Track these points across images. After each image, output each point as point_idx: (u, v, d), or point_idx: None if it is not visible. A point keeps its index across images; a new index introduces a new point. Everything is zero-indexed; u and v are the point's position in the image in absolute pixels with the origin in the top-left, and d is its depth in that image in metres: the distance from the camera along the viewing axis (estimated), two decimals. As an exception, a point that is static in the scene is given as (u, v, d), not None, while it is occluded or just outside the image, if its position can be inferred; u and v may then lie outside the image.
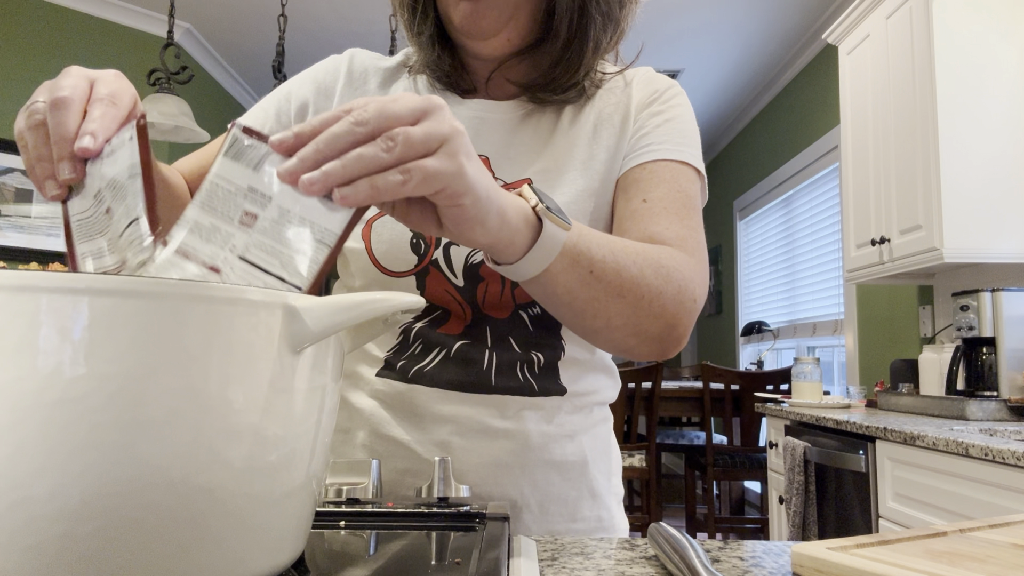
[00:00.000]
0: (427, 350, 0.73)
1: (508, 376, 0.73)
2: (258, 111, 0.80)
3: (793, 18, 3.75)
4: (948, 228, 2.18)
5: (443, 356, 0.72)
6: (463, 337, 0.73)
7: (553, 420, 0.75)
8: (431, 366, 0.72)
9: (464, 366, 0.72)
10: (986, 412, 2.02)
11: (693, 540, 0.48)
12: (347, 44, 4.14)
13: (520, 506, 0.73)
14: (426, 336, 0.73)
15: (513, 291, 0.72)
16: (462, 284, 0.72)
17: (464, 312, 0.73)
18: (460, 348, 0.72)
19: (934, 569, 0.42)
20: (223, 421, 0.36)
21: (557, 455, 0.75)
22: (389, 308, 0.43)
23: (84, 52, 3.64)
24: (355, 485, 0.62)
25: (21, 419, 0.33)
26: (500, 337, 0.73)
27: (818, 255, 3.89)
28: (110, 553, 0.34)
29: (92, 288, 0.34)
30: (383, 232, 0.73)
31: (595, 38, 0.73)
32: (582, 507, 0.77)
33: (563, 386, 0.75)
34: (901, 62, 2.43)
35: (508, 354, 0.73)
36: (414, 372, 0.73)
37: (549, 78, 0.75)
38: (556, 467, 0.75)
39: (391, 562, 0.47)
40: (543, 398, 0.74)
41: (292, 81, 0.82)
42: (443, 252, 0.72)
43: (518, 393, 0.73)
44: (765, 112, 4.69)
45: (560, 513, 0.75)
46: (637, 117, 0.77)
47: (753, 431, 3.57)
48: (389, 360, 0.74)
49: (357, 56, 0.82)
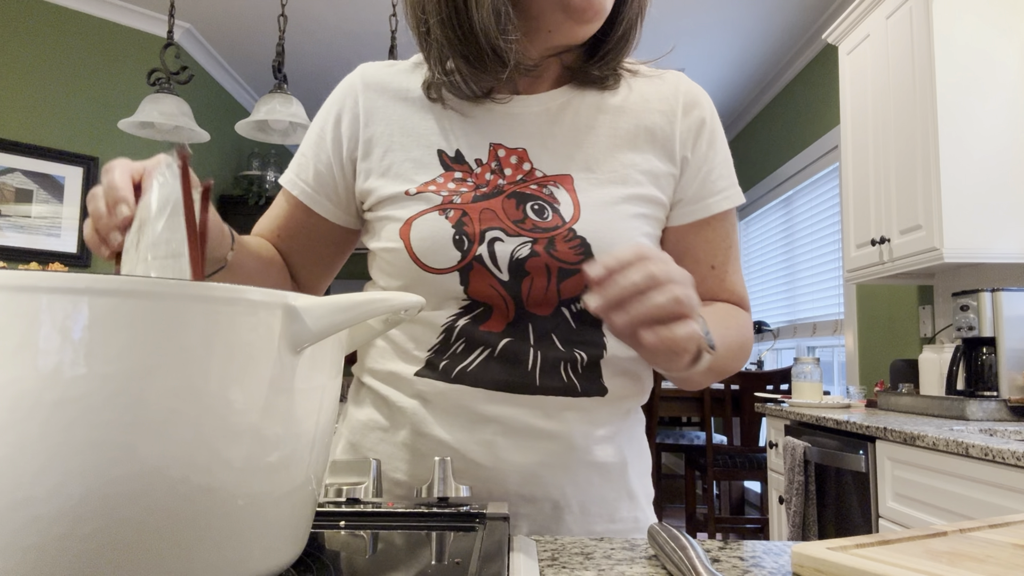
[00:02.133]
0: (469, 349, 0.72)
1: (552, 376, 0.72)
2: (300, 160, 0.83)
3: (793, 18, 3.75)
4: (948, 228, 2.18)
5: (487, 355, 0.72)
6: (506, 335, 0.72)
7: (594, 421, 0.75)
8: (474, 365, 0.72)
9: (509, 365, 0.72)
10: (986, 412, 2.02)
11: (693, 540, 0.48)
12: (347, 44, 4.14)
13: (562, 506, 0.74)
14: (469, 334, 0.72)
15: (559, 286, 0.72)
16: (507, 279, 0.72)
17: (507, 308, 0.72)
18: (504, 346, 0.72)
19: (934, 569, 0.42)
20: (223, 421, 0.36)
21: (598, 456, 0.75)
22: (389, 308, 0.43)
23: (84, 52, 3.64)
24: (355, 485, 0.62)
25: (21, 419, 0.33)
26: (543, 334, 0.72)
27: (818, 255, 3.89)
28: (110, 553, 0.34)
29: (92, 288, 0.34)
30: (423, 230, 0.72)
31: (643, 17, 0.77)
32: (620, 508, 0.77)
33: (604, 386, 0.75)
34: (901, 62, 2.43)
35: (552, 352, 0.72)
36: (457, 372, 0.72)
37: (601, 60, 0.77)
38: (597, 468, 0.75)
39: (391, 562, 0.47)
40: (585, 399, 0.74)
41: (318, 120, 0.83)
42: (487, 247, 0.72)
43: (561, 393, 0.73)
44: (765, 112, 4.69)
45: (600, 514, 0.76)
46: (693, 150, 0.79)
47: (753, 431, 3.57)
48: (430, 360, 0.74)
49: (368, 70, 0.82)
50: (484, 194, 0.73)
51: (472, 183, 0.74)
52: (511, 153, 0.76)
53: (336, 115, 0.81)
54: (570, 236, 0.72)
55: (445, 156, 0.76)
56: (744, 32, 3.92)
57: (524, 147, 0.76)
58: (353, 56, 4.30)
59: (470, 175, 0.74)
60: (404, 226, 0.73)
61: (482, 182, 0.74)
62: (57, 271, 0.34)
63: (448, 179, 0.74)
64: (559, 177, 0.75)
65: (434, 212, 0.72)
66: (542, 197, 0.73)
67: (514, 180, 0.74)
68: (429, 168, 0.75)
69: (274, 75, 2.63)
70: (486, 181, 0.74)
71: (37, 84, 3.50)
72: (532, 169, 0.75)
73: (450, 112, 0.78)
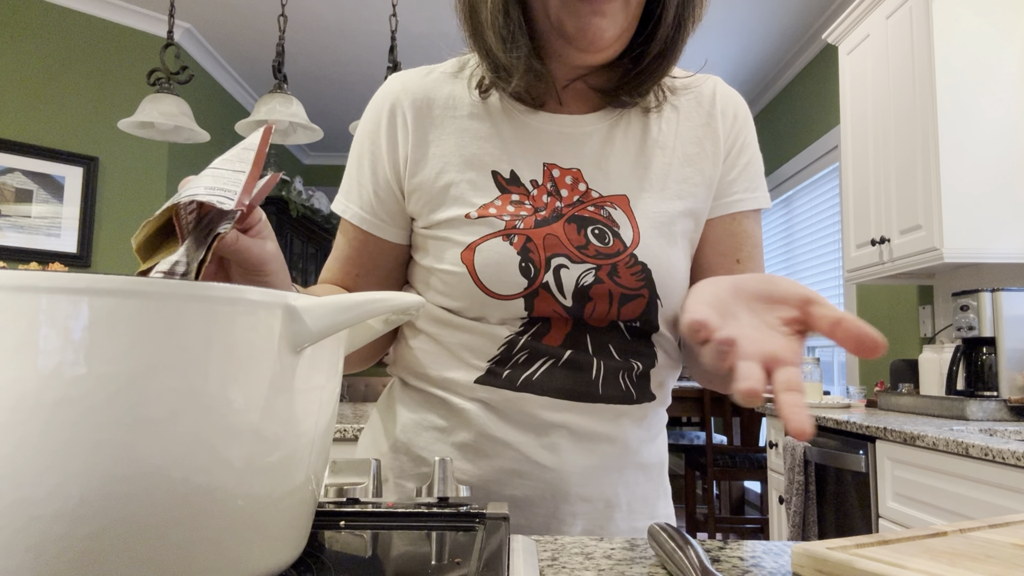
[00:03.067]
0: (532, 359, 0.73)
1: (612, 384, 0.75)
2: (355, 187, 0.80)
3: (793, 18, 3.75)
4: (948, 228, 2.18)
5: (551, 365, 0.73)
6: (567, 347, 0.73)
7: (643, 425, 0.78)
8: (539, 374, 0.73)
9: (574, 374, 0.73)
10: (986, 412, 2.02)
11: (693, 540, 0.48)
12: (347, 44, 4.14)
13: (613, 505, 0.77)
14: (531, 346, 0.73)
15: (620, 309, 0.73)
16: (570, 304, 0.73)
17: (566, 324, 0.74)
18: (569, 357, 0.74)
19: (934, 569, 0.42)
20: (223, 421, 0.36)
21: (645, 457, 0.79)
22: (389, 308, 0.43)
23: (84, 52, 3.64)
24: (355, 485, 0.62)
25: (21, 419, 0.33)
26: (601, 345, 0.74)
27: (818, 255, 3.89)
28: (110, 553, 0.34)
29: (92, 288, 0.34)
30: (489, 255, 0.72)
31: (681, 47, 0.74)
32: (659, 505, 0.81)
33: (653, 393, 0.78)
34: (901, 62, 2.43)
35: (611, 362, 0.74)
36: (522, 381, 0.73)
37: (635, 84, 0.75)
38: (643, 468, 0.79)
39: (391, 562, 0.47)
40: (638, 405, 0.77)
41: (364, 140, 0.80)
42: (553, 275, 0.72)
43: (620, 401, 0.75)
44: (765, 112, 4.69)
45: (643, 512, 0.79)
46: (728, 154, 0.80)
47: (753, 431, 3.57)
48: (492, 369, 0.74)
49: (408, 82, 0.79)
50: (544, 218, 0.73)
51: (531, 206, 0.74)
52: (566, 173, 0.75)
53: (388, 134, 0.78)
54: (631, 263, 0.73)
55: (500, 178, 0.75)
56: (744, 32, 3.92)
57: (578, 167, 0.76)
58: (353, 56, 4.30)
59: (527, 197, 0.74)
60: (467, 251, 0.73)
61: (540, 205, 0.74)
62: (57, 271, 0.34)
63: (506, 202, 0.74)
64: (615, 198, 0.75)
65: (498, 238, 0.72)
66: (601, 220, 0.74)
67: (571, 202, 0.74)
68: (486, 191, 0.74)
69: (274, 75, 2.63)
70: (544, 204, 0.74)
71: (37, 84, 3.50)
72: (588, 190, 0.75)
73: (501, 126, 0.76)
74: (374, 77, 4.54)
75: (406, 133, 0.77)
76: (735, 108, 0.82)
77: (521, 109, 0.77)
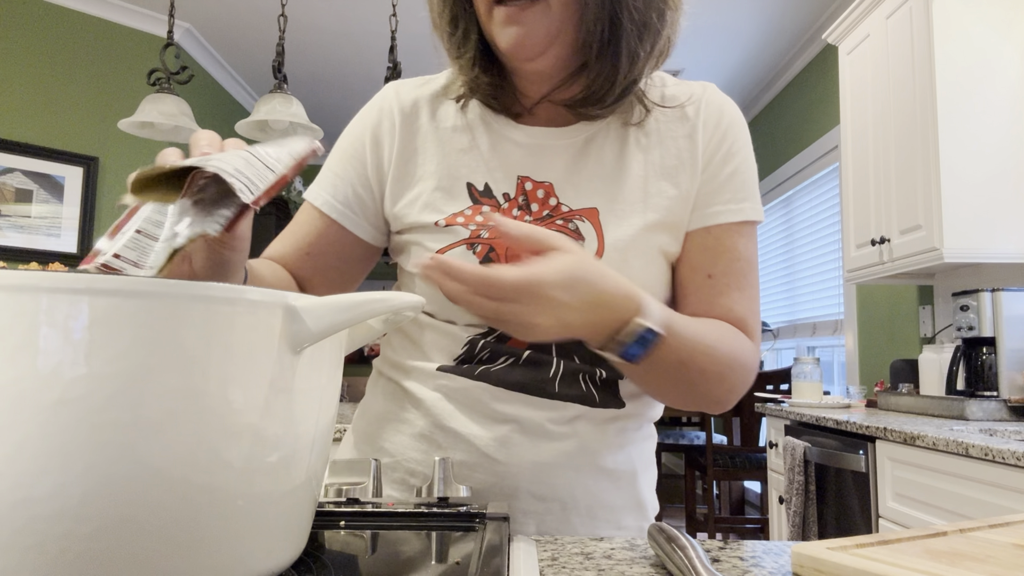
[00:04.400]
0: (495, 357, 0.74)
1: (570, 384, 0.74)
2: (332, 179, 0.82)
3: (793, 18, 3.75)
4: (948, 228, 2.18)
5: (511, 362, 0.74)
6: (529, 347, 0.74)
7: (607, 429, 0.76)
8: (497, 368, 0.74)
9: (531, 370, 0.74)
10: (986, 412, 2.02)
11: (693, 540, 0.48)
12: (347, 44, 4.14)
13: (569, 507, 0.75)
14: (493, 347, 0.74)
15: None
16: None
17: None
18: (528, 356, 0.74)
19: (934, 569, 0.42)
20: (223, 421, 0.36)
21: (608, 463, 0.77)
22: (389, 308, 0.43)
23: (84, 52, 3.64)
24: (355, 485, 0.62)
25: (22, 419, 0.33)
26: (565, 350, 0.74)
27: (818, 255, 3.89)
28: (110, 553, 0.34)
29: (92, 288, 0.34)
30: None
31: (629, 49, 0.71)
32: (627, 516, 0.78)
33: (622, 400, 0.77)
34: (901, 62, 2.43)
35: (573, 364, 0.74)
36: (480, 371, 0.74)
37: (589, 91, 0.74)
38: (607, 474, 0.77)
39: (391, 562, 0.47)
40: (601, 410, 0.75)
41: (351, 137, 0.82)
42: None
43: (579, 402, 0.74)
44: (765, 112, 4.69)
45: (607, 520, 0.77)
46: (708, 164, 0.77)
47: (753, 431, 3.57)
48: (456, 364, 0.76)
49: (401, 90, 0.82)
50: None
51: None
52: (538, 187, 0.76)
53: (373, 136, 0.80)
54: None
55: (474, 190, 0.76)
56: (744, 32, 3.92)
57: (551, 181, 0.76)
58: (353, 56, 4.30)
59: (497, 210, 0.75)
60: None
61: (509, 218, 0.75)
62: (57, 271, 0.34)
63: (476, 212, 0.75)
64: (585, 211, 0.75)
65: (462, 246, 0.74)
66: (567, 234, 0.74)
67: (540, 216, 0.75)
68: (458, 201, 0.76)
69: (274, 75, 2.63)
70: (513, 217, 0.75)
71: (37, 84, 3.50)
72: (558, 204, 0.75)
73: (480, 139, 0.78)
74: (374, 78, 4.54)
75: (392, 138, 0.79)
76: (720, 115, 0.79)
77: (501, 122, 0.79)
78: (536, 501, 0.74)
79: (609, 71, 0.72)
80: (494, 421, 0.74)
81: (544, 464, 0.74)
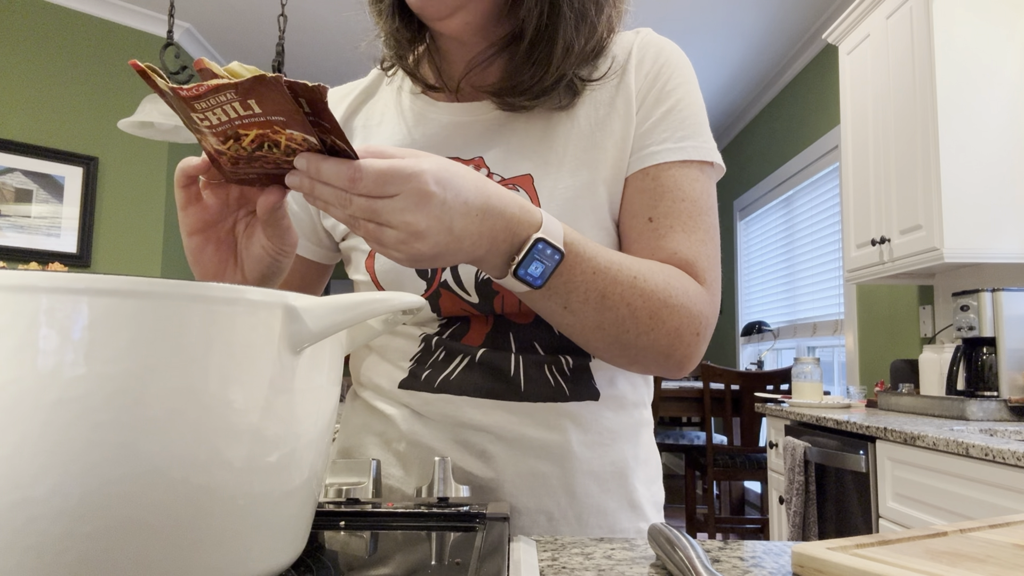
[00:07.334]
0: (450, 358, 0.71)
1: (537, 381, 0.70)
2: None
3: (793, 18, 3.75)
4: (948, 228, 2.18)
5: (467, 363, 0.70)
6: (485, 344, 0.71)
7: (592, 428, 0.72)
8: (456, 373, 0.70)
9: (490, 372, 0.70)
10: (986, 412, 2.02)
11: (693, 540, 0.48)
12: (347, 44, 4.14)
13: (557, 518, 0.71)
14: (448, 346, 0.71)
15: None
16: (477, 301, 0.70)
17: (485, 320, 0.71)
18: (484, 355, 0.70)
19: (934, 569, 0.42)
20: (223, 421, 0.36)
21: (596, 466, 0.72)
22: (389, 308, 0.43)
23: (84, 52, 3.64)
24: (355, 485, 0.62)
25: (21, 419, 0.33)
26: (524, 342, 0.70)
27: (818, 255, 3.89)
28: (110, 553, 0.34)
29: (92, 288, 0.34)
30: (386, 262, 0.71)
31: (566, 38, 0.68)
32: (621, 518, 0.74)
33: (596, 390, 0.72)
34: (901, 62, 2.43)
35: (534, 357, 0.70)
36: (440, 381, 0.71)
37: (516, 80, 0.70)
38: (595, 478, 0.72)
39: (391, 562, 0.47)
40: (576, 403, 0.71)
41: None
42: (451, 272, 0.70)
43: (550, 399, 0.70)
44: (765, 112, 4.69)
45: (599, 525, 0.72)
46: (641, 104, 0.72)
47: (753, 431, 3.57)
48: (413, 370, 0.73)
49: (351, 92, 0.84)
50: None
51: None
52: (467, 164, 0.73)
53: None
54: None
55: None
56: (744, 32, 3.92)
57: (480, 155, 0.73)
58: (353, 56, 4.30)
59: None
60: (368, 259, 0.73)
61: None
62: (57, 271, 0.34)
63: None
64: (519, 179, 0.71)
65: None
66: None
67: None
68: None
69: (274, 75, 2.63)
70: None
71: (37, 84, 3.50)
72: (490, 175, 0.72)
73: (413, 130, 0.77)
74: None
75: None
76: (656, 55, 0.73)
77: (425, 105, 0.77)
78: (521, 515, 0.71)
79: (543, 60, 0.69)
80: (467, 433, 0.70)
81: (526, 476, 0.70)
